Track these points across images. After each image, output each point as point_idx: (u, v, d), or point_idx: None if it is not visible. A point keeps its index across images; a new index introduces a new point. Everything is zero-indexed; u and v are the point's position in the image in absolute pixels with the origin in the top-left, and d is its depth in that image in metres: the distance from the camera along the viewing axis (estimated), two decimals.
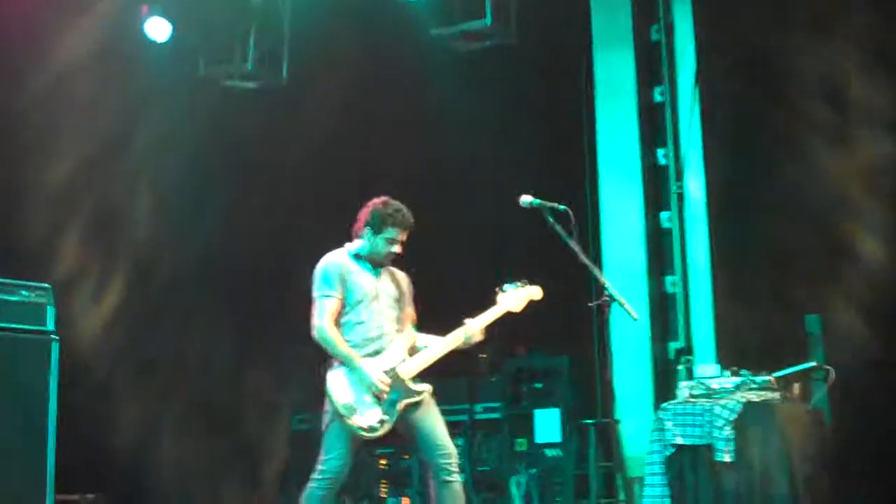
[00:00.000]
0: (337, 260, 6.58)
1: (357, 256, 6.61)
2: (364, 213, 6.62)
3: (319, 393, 6.62)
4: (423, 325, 6.77)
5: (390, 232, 6.55)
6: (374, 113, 11.58)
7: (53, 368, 7.82)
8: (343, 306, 6.49)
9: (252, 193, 11.86)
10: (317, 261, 6.61)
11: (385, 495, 11.56)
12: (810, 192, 10.28)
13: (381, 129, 11.68)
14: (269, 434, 12.43)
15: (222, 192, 11.64)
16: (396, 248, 6.58)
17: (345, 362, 6.37)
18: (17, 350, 7.72)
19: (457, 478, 6.46)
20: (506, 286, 6.57)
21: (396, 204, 6.61)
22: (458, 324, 6.55)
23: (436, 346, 6.54)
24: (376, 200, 6.63)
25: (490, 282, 6.74)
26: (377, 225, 6.55)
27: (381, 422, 6.33)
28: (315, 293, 6.51)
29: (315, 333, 6.44)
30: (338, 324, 6.48)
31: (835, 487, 8.59)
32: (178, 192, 11.12)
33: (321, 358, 6.62)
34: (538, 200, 6.35)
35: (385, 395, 6.31)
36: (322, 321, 6.44)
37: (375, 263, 6.62)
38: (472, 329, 6.48)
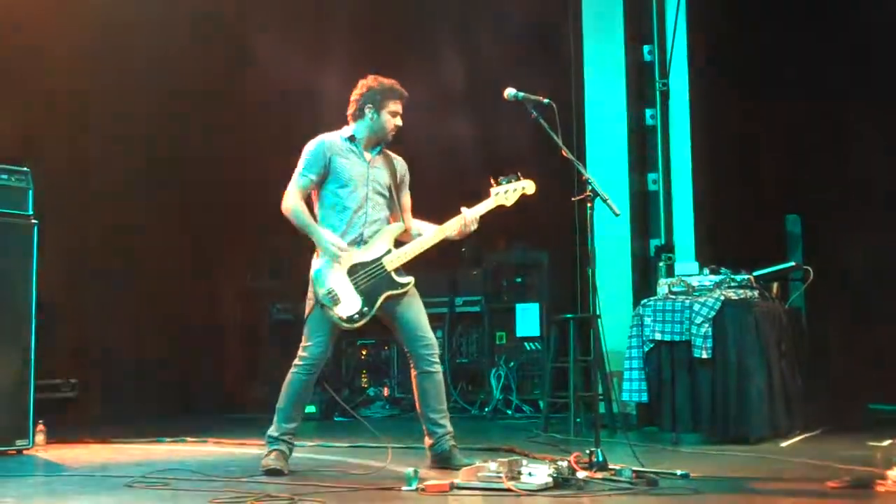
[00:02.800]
0: (326, 141, 6.53)
1: (351, 139, 6.57)
2: (360, 95, 6.57)
3: (297, 283, 6.65)
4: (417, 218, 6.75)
5: (392, 105, 6.53)
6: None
7: (35, 252, 7.82)
8: (322, 189, 6.49)
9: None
10: (297, 151, 6.58)
11: (366, 385, 11.68)
12: (800, 88, 10.31)
13: None
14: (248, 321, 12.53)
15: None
16: (399, 121, 6.56)
17: (306, 231, 6.40)
18: None
19: (438, 368, 6.52)
20: (501, 179, 6.53)
21: (387, 79, 6.59)
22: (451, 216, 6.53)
23: (427, 235, 6.52)
24: (366, 80, 6.59)
25: (475, 174, 6.72)
26: (378, 101, 6.51)
27: (361, 314, 6.35)
28: (296, 169, 6.52)
29: (283, 205, 6.44)
30: (320, 206, 6.50)
31: (809, 385, 8.73)
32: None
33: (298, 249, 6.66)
34: (522, 93, 6.30)
35: (342, 259, 6.34)
36: (290, 195, 6.44)
37: (378, 141, 6.59)
38: (468, 216, 6.46)
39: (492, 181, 6.52)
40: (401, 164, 6.75)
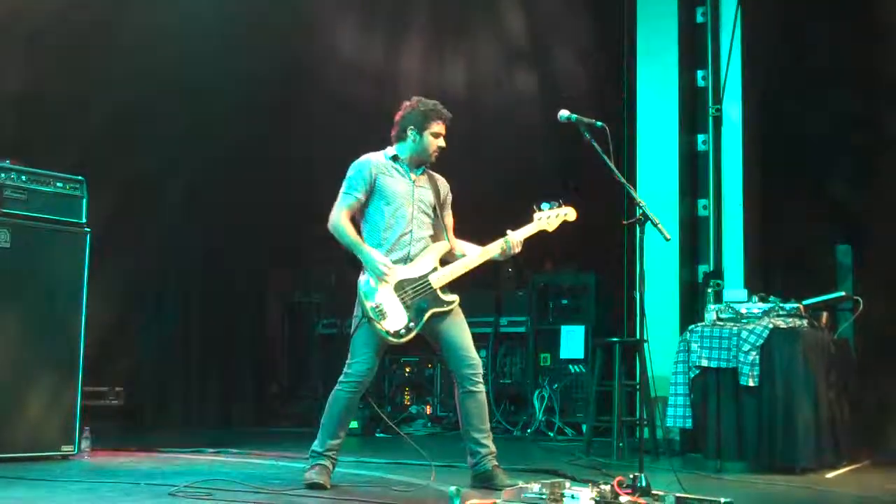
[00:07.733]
0: (371, 160, 6.58)
1: (395, 158, 6.62)
2: (403, 116, 6.62)
3: (343, 298, 6.67)
4: (461, 238, 6.77)
5: (435, 126, 6.57)
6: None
7: (87, 261, 7.92)
8: (368, 207, 6.53)
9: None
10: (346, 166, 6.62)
11: (409, 402, 11.69)
12: (852, 118, 10.20)
13: None
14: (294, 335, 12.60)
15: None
16: (442, 142, 6.59)
17: (352, 249, 6.42)
18: (52, 241, 7.79)
19: (481, 388, 6.53)
20: (542, 205, 6.57)
21: (430, 100, 6.64)
22: (495, 237, 6.55)
23: (472, 256, 6.56)
24: (409, 102, 6.64)
25: (525, 195, 6.74)
26: (421, 122, 6.56)
27: (408, 328, 6.37)
28: (341, 189, 6.55)
29: (329, 224, 6.49)
30: (365, 224, 6.54)
31: (856, 416, 8.63)
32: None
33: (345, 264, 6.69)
34: (575, 116, 6.30)
35: (388, 278, 6.36)
36: (336, 213, 6.48)
37: (421, 162, 6.62)
38: (513, 239, 6.50)
39: (534, 207, 6.57)
40: (443, 183, 6.79)
